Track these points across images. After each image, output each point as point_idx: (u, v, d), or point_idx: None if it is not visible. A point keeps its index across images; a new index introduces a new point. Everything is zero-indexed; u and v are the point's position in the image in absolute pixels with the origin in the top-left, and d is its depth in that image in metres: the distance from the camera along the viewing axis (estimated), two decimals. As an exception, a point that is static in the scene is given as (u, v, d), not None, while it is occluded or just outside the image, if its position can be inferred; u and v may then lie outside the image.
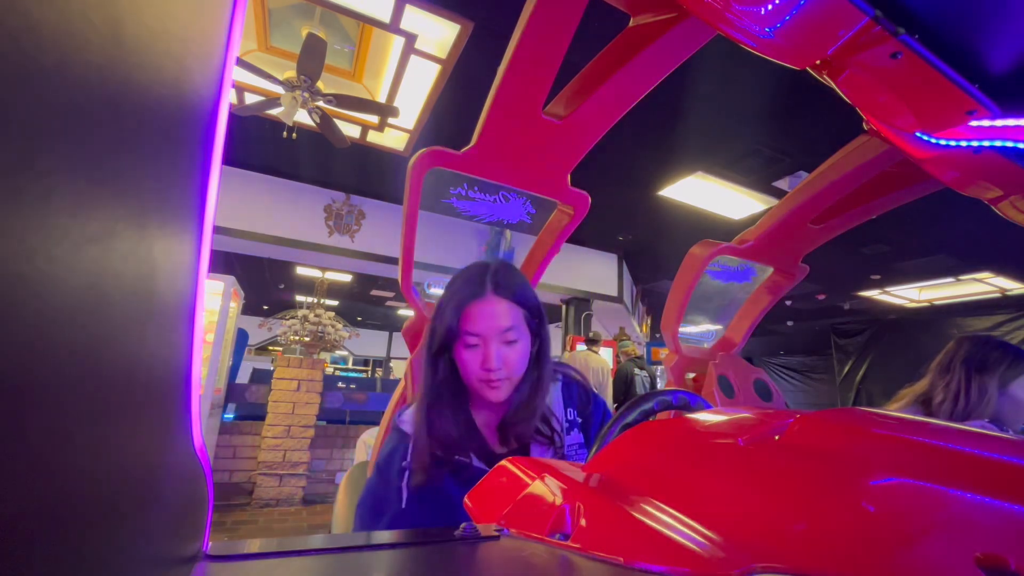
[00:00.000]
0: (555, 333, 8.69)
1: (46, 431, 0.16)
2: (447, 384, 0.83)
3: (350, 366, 13.69)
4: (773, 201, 4.52)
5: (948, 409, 1.31)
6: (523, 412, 0.83)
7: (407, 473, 0.79)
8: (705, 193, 4.65)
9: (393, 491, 0.79)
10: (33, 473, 0.16)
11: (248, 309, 10.77)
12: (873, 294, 7.40)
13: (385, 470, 0.83)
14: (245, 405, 4.63)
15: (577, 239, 6.10)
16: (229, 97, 0.35)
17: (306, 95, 3.17)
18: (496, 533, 0.47)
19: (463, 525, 0.47)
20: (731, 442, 0.47)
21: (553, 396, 0.92)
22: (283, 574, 0.37)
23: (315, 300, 7.70)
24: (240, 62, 2.98)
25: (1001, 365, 1.30)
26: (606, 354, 5.93)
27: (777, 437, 0.44)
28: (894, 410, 1.30)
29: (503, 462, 0.62)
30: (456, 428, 0.82)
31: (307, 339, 6.69)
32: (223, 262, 6.62)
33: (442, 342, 0.81)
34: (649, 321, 8.41)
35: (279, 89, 3.21)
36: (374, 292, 9.01)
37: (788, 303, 8.24)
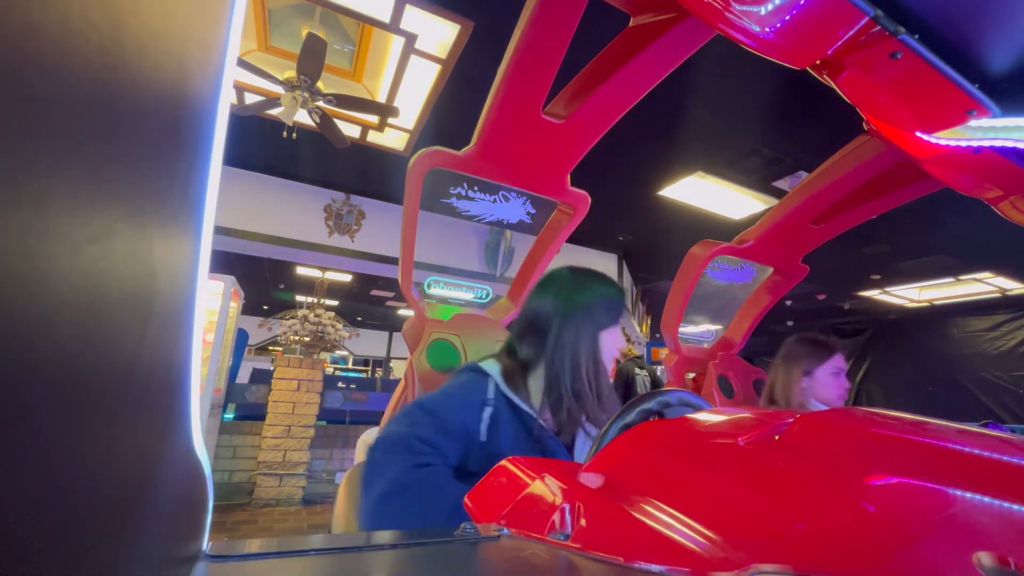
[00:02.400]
0: (555, 333, 8.66)
1: (45, 431, 0.16)
2: None
3: (350, 366, 13.68)
4: (773, 201, 4.52)
5: (768, 396, 1.59)
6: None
7: (490, 409, 0.91)
8: (705, 193, 4.65)
9: (473, 419, 0.89)
10: (33, 473, 0.16)
11: (248, 309, 10.76)
12: (873, 294, 7.39)
13: (464, 395, 0.92)
14: (245, 405, 4.62)
15: (577, 239, 6.10)
16: (229, 97, 0.35)
17: (306, 95, 3.17)
18: (496, 533, 0.47)
19: (463, 525, 0.47)
20: (731, 442, 0.47)
21: None
22: (283, 574, 0.37)
23: (315, 300, 7.70)
24: (240, 62, 2.98)
25: (804, 357, 1.54)
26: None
27: (777, 437, 0.44)
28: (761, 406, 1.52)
29: (503, 462, 0.62)
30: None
31: (307, 339, 6.68)
32: (223, 262, 6.61)
33: (611, 315, 1.01)
34: (649, 321, 8.41)
35: (279, 89, 3.21)
36: (374, 292, 9.01)
37: (788, 303, 8.23)
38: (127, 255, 0.21)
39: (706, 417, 0.57)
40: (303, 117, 3.53)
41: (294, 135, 3.62)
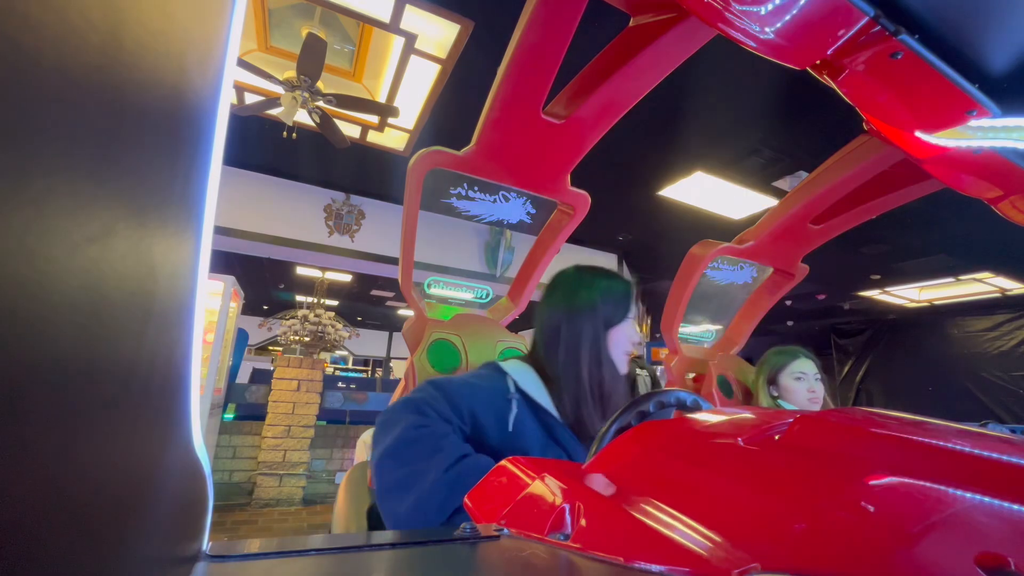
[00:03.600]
0: (555, 333, 8.67)
1: (45, 431, 0.16)
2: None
3: (350, 366, 13.68)
4: (773, 201, 4.52)
5: (746, 403, 1.70)
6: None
7: (515, 403, 0.92)
8: (705, 193, 4.64)
9: (486, 409, 0.89)
10: (32, 474, 0.16)
11: (248, 309, 10.77)
12: (873, 294, 7.39)
13: (480, 383, 0.93)
14: (245, 405, 4.62)
15: (577, 239, 6.10)
16: (229, 97, 0.35)
17: (306, 95, 3.17)
18: (496, 533, 0.47)
19: (463, 525, 0.47)
20: (731, 442, 0.47)
21: None
22: (283, 574, 0.37)
23: (315, 300, 7.70)
24: (240, 62, 2.98)
25: (769, 364, 1.63)
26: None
27: (777, 437, 0.44)
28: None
29: (503, 462, 0.62)
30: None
31: (307, 339, 6.68)
32: (223, 262, 6.61)
33: (613, 311, 1.02)
34: (649, 321, 8.40)
35: (279, 89, 3.21)
36: (374, 292, 9.00)
37: (788, 303, 8.23)
38: (127, 255, 0.21)
39: (706, 417, 0.57)
40: (303, 117, 3.53)
41: (294, 135, 3.62)
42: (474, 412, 0.89)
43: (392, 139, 4.23)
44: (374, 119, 3.88)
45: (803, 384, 1.56)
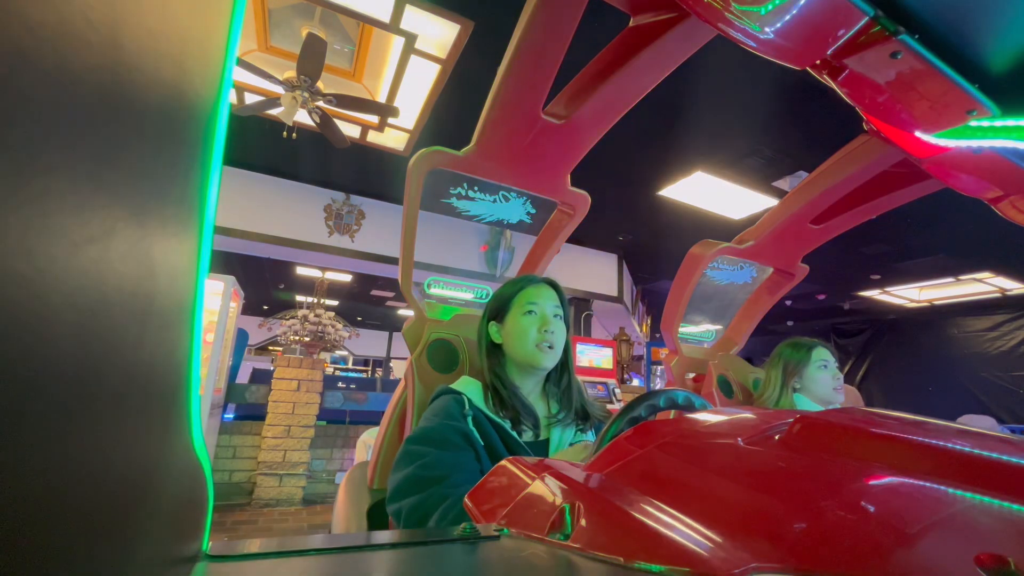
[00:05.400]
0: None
1: (46, 431, 0.16)
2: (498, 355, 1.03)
3: (350, 366, 13.68)
4: (773, 201, 4.52)
5: (765, 394, 1.63)
6: (566, 377, 1.04)
7: (470, 418, 0.92)
8: (705, 193, 4.65)
9: (460, 435, 0.89)
10: (33, 473, 0.16)
11: (248, 309, 10.78)
12: (873, 294, 7.39)
13: (444, 408, 0.93)
14: (245, 405, 4.61)
15: (577, 239, 6.09)
16: (229, 97, 0.35)
17: (306, 95, 3.17)
18: (496, 533, 0.47)
19: (463, 525, 0.47)
20: (731, 442, 0.47)
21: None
22: (283, 574, 0.37)
23: (315, 300, 7.70)
24: (240, 62, 2.98)
25: (788, 359, 1.59)
26: (606, 354, 5.91)
27: (777, 437, 0.44)
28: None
29: (503, 462, 0.62)
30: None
31: (307, 339, 6.68)
32: (223, 262, 6.61)
33: (499, 308, 1.03)
34: (649, 321, 8.41)
35: (279, 89, 3.21)
36: (374, 292, 9.01)
37: (788, 303, 8.23)
38: (127, 255, 0.21)
39: (706, 417, 0.57)
40: (303, 117, 3.53)
41: (294, 135, 3.62)
42: (463, 431, 0.90)
43: (392, 139, 4.23)
44: (374, 119, 3.88)
45: (828, 372, 1.54)
